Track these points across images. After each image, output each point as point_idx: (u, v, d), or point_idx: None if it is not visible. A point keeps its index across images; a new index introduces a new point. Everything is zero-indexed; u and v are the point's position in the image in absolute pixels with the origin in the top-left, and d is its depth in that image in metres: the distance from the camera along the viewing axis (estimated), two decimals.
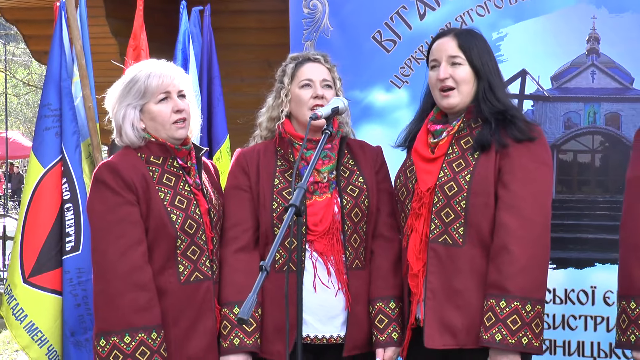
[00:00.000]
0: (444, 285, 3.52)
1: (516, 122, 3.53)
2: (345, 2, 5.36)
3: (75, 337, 4.82)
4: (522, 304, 3.39)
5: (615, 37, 5.17)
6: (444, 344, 3.50)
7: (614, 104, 5.24)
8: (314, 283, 3.63)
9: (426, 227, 3.58)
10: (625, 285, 3.48)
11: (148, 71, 3.59)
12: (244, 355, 3.61)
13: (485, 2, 5.25)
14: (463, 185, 3.52)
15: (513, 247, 3.42)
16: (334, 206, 3.66)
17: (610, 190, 5.20)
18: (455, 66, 3.59)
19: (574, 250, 5.19)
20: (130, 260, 3.45)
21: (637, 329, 3.40)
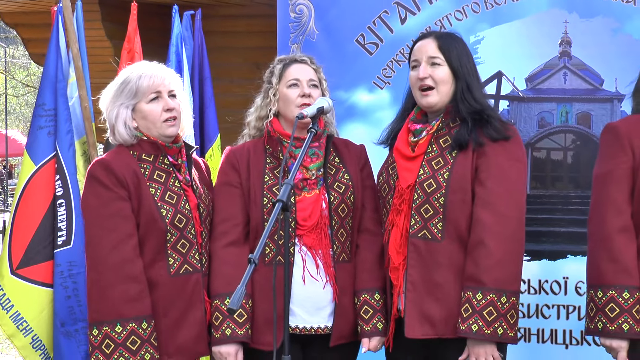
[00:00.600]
0: (424, 278, 3.52)
1: (492, 122, 3.53)
2: (330, 7, 5.35)
3: (65, 328, 4.81)
4: (497, 296, 3.41)
5: (586, 40, 5.18)
6: (423, 333, 3.50)
7: (585, 104, 5.25)
8: (303, 276, 3.61)
9: (406, 223, 3.58)
10: (593, 276, 3.50)
11: (139, 72, 3.60)
12: (236, 345, 3.59)
13: (463, 7, 5.25)
14: (442, 182, 3.52)
15: (489, 242, 3.43)
16: (322, 202, 3.66)
17: (581, 186, 5.20)
18: (434, 66, 3.60)
19: (548, 243, 5.20)
20: (122, 253, 3.45)
21: (604, 317, 3.41)
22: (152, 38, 5.68)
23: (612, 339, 3.42)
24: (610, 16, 5.10)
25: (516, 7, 5.22)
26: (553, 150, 5.31)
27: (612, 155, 3.50)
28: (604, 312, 3.41)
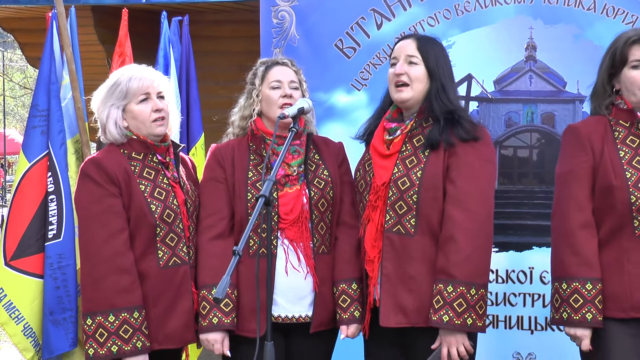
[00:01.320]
0: (398, 271, 3.52)
1: (462, 123, 3.53)
2: (310, 13, 5.33)
3: (54, 316, 4.78)
4: (467, 288, 3.41)
5: (550, 45, 5.21)
6: (397, 322, 3.50)
7: (549, 105, 5.28)
8: (285, 267, 3.60)
9: (382, 218, 3.57)
10: (558, 269, 3.49)
11: (130, 75, 3.59)
12: (222, 333, 3.58)
13: (435, 13, 5.26)
14: (415, 180, 3.51)
15: (459, 237, 3.43)
16: (302, 197, 3.65)
17: (546, 182, 5.23)
18: (411, 65, 3.60)
19: (514, 235, 5.22)
20: (113, 247, 3.44)
21: (568, 307, 3.40)
22: (142, 42, 5.65)
23: (577, 328, 3.42)
24: (572, 23, 5.13)
25: (485, 14, 5.23)
26: (519, 148, 5.33)
27: (574, 155, 3.50)
28: (568, 303, 3.40)
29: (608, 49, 3.58)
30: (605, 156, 3.44)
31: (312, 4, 5.33)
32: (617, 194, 3.40)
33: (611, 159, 3.44)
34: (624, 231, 3.43)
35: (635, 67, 3.44)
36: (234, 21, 6.50)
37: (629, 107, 3.48)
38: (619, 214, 3.42)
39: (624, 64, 3.47)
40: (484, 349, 5.11)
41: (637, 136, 3.47)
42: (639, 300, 3.40)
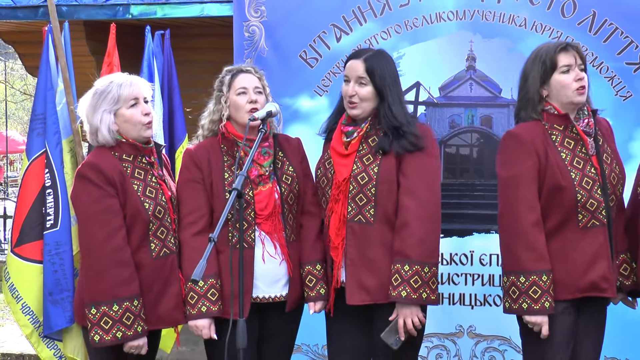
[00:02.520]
0: (360, 255, 3.54)
1: (407, 137, 3.54)
2: (278, 28, 5.34)
3: (53, 297, 4.82)
4: (421, 267, 3.43)
5: (488, 56, 5.25)
6: (361, 300, 3.53)
7: (487, 108, 5.31)
8: (263, 256, 3.61)
9: (344, 209, 3.58)
10: (513, 264, 3.46)
11: (120, 82, 3.55)
12: (209, 320, 3.58)
13: (387, 28, 5.27)
14: (372, 176, 3.53)
15: (412, 223, 3.45)
16: (274, 193, 3.65)
17: (484, 176, 5.28)
18: (361, 85, 3.60)
19: (457, 223, 5.25)
20: (114, 243, 3.41)
21: (528, 298, 3.40)
22: (128, 53, 5.63)
23: (537, 316, 3.42)
24: (506, 37, 5.17)
25: (431, 29, 5.26)
26: (461, 146, 5.37)
27: (520, 160, 3.48)
28: (527, 294, 3.39)
29: (531, 60, 3.59)
30: (550, 159, 3.45)
31: (279, 19, 5.33)
32: (565, 193, 3.43)
33: (556, 161, 3.45)
34: (569, 224, 3.46)
35: (564, 72, 3.47)
36: (210, 35, 6.49)
37: (560, 112, 3.50)
38: (566, 210, 3.45)
39: (553, 70, 3.49)
40: (431, 322, 5.15)
41: (572, 138, 3.49)
42: (584, 282, 3.45)
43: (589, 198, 3.42)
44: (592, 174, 3.45)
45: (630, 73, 5.08)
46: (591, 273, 3.44)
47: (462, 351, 5.35)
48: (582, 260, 3.44)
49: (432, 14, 5.24)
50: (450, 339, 5.34)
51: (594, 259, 3.45)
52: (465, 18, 5.21)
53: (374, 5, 5.28)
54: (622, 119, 4.79)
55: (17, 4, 6.47)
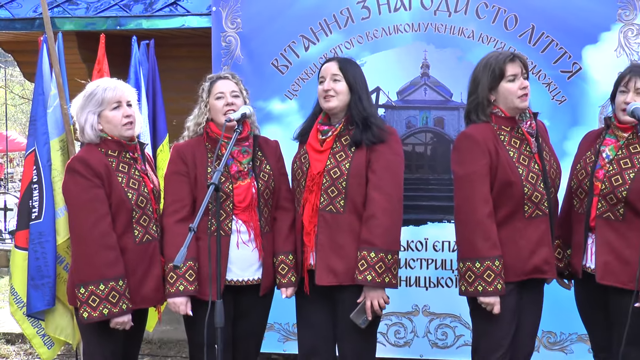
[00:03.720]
0: (330, 241, 3.54)
1: (372, 128, 3.56)
2: (252, 39, 5.32)
3: (34, 282, 4.80)
4: (385, 254, 3.45)
5: (440, 64, 5.26)
6: (329, 282, 3.54)
7: (440, 111, 5.32)
8: (237, 243, 3.60)
9: (317, 200, 3.59)
10: (470, 251, 3.45)
11: (105, 86, 3.54)
12: (186, 298, 3.57)
13: (350, 39, 5.28)
14: (344, 170, 3.53)
15: (379, 215, 3.47)
16: (252, 188, 3.64)
17: (437, 172, 5.30)
18: (335, 82, 3.61)
19: (413, 213, 5.25)
20: (100, 229, 3.40)
21: (483, 282, 3.41)
22: (116, 61, 5.59)
23: (491, 297, 3.43)
24: (456, 47, 5.19)
25: (390, 40, 5.27)
26: (417, 145, 5.38)
27: (474, 159, 3.47)
28: (482, 278, 3.40)
29: (481, 68, 3.60)
30: (500, 157, 3.46)
31: (253, 30, 5.31)
32: (514, 187, 3.44)
33: (506, 159, 3.46)
34: (516, 215, 3.48)
35: (511, 80, 3.49)
36: (191, 44, 6.45)
37: (506, 115, 3.51)
38: (514, 202, 3.46)
39: (501, 78, 3.50)
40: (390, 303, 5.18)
41: (518, 138, 3.51)
42: (529, 266, 3.48)
43: (534, 191, 3.45)
44: (535, 169, 3.48)
45: (565, 80, 5.13)
46: (535, 257, 3.47)
47: (417, 328, 5.36)
48: (528, 247, 3.47)
49: (391, 26, 5.25)
50: (407, 317, 5.36)
51: (538, 245, 3.48)
52: (420, 30, 5.22)
53: (339, 18, 5.27)
54: (558, 121, 4.83)
55: (15, 17, 6.44)
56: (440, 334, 5.35)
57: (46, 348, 5.00)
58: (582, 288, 3.67)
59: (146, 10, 6.28)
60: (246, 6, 5.31)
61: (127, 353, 3.63)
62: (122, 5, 6.36)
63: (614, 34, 5.04)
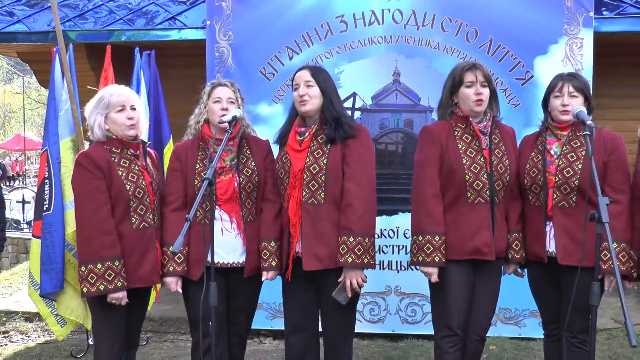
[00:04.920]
0: (313, 230, 3.53)
1: (343, 126, 3.54)
2: (242, 49, 5.33)
3: (44, 266, 4.81)
4: (362, 238, 3.44)
5: (410, 72, 5.30)
6: (315, 266, 3.51)
7: (409, 114, 5.34)
8: (222, 229, 3.59)
9: (300, 194, 3.57)
10: (415, 226, 3.55)
11: (112, 92, 3.54)
12: (176, 277, 3.60)
13: (330, 49, 5.30)
14: (322, 166, 3.52)
15: (355, 203, 3.45)
16: (234, 182, 3.63)
17: (407, 167, 5.33)
18: (309, 87, 3.59)
19: (386, 204, 5.28)
20: (100, 215, 3.40)
21: (423, 253, 3.47)
22: (121, 69, 5.58)
23: (428, 267, 3.50)
24: (424, 57, 5.23)
25: (365, 50, 5.30)
26: (389, 144, 5.41)
27: (427, 147, 3.56)
28: (423, 250, 3.47)
29: (449, 75, 3.64)
30: (449, 148, 3.52)
31: (243, 42, 5.32)
32: (457, 174, 3.49)
33: (453, 150, 3.51)
34: (460, 200, 3.52)
35: (468, 86, 3.52)
36: (188, 54, 6.44)
37: (464, 114, 3.55)
38: (457, 188, 3.50)
39: (461, 84, 3.54)
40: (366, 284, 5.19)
41: (470, 134, 3.55)
42: (470, 247, 3.50)
43: (475, 179, 3.49)
44: (480, 162, 3.52)
45: (519, 86, 5.17)
46: (476, 240, 3.51)
47: (390, 306, 5.39)
48: (469, 229, 3.51)
49: (366, 38, 5.27)
50: (380, 296, 5.38)
51: (479, 229, 3.52)
52: (392, 42, 5.25)
53: (319, 31, 5.28)
54: (513, 122, 4.78)
55: (31, 30, 6.43)
56: (410, 311, 5.38)
57: (59, 326, 5.03)
58: (538, 270, 3.70)
59: (148, 24, 6.27)
60: (237, 21, 5.32)
61: (130, 328, 3.64)
62: (126, 20, 6.33)
63: (561, 46, 5.10)
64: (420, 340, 5.40)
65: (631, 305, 6.02)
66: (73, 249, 4.77)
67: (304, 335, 3.69)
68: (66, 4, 6.80)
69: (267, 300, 5.38)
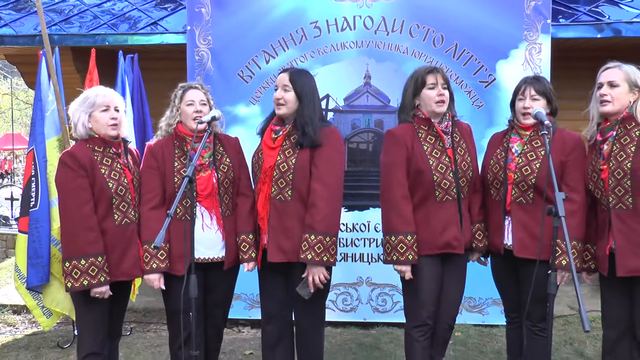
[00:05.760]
0: (280, 225, 3.51)
1: (307, 135, 3.47)
2: (221, 53, 5.29)
3: (31, 261, 4.76)
4: (324, 237, 3.41)
5: (380, 75, 5.30)
6: (279, 259, 3.50)
7: (380, 114, 5.34)
8: (202, 226, 3.56)
9: (269, 190, 3.54)
10: (388, 227, 3.51)
11: (97, 92, 3.50)
12: (159, 274, 3.53)
13: (305, 53, 5.28)
14: (291, 165, 3.49)
15: (319, 203, 3.42)
16: (212, 178, 3.59)
17: (377, 165, 5.29)
18: (286, 91, 3.56)
19: (357, 200, 5.29)
20: (83, 212, 3.34)
21: (397, 252, 3.45)
22: (105, 72, 5.52)
23: (402, 265, 3.48)
24: (393, 61, 5.24)
25: (338, 55, 5.29)
26: (360, 143, 5.40)
27: (394, 150, 3.53)
28: (396, 249, 3.45)
29: (410, 77, 3.64)
30: (415, 150, 3.50)
31: (222, 46, 5.29)
32: (425, 175, 3.48)
33: (419, 152, 3.50)
34: (429, 199, 3.51)
35: (430, 88, 3.52)
36: (169, 58, 6.38)
37: (425, 116, 3.55)
38: (426, 187, 3.49)
39: (423, 86, 3.53)
40: (339, 275, 5.21)
41: (433, 135, 3.54)
42: (440, 242, 3.50)
43: (442, 179, 3.49)
44: (446, 161, 3.52)
45: (482, 88, 5.21)
46: (445, 235, 3.51)
47: (361, 296, 5.40)
48: (439, 226, 3.51)
49: (339, 43, 5.26)
50: (352, 287, 5.39)
51: (447, 225, 3.52)
52: (363, 47, 5.25)
53: (295, 36, 5.27)
54: (477, 123, 4.88)
55: (18, 34, 6.34)
56: (381, 300, 5.40)
57: (45, 317, 4.98)
58: (498, 261, 3.73)
59: (131, 29, 6.21)
60: (216, 26, 5.29)
61: (113, 320, 3.59)
62: (110, 25, 6.27)
63: (521, 51, 5.14)
64: (390, 328, 5.43)
65: (585, 293, 6.09)
66: (59, 243, 4.71)
67: (278, 324, 3.68)
68: (52, 8, 6.73)
69: (245, 291, 5.37)
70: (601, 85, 3.35)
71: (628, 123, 3.27)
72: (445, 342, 3.75)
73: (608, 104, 3.30)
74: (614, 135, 3.30)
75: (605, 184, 3.28)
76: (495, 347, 5.08)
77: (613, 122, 3.31)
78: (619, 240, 3.24)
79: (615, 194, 3.24)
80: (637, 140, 3.22)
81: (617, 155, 3.25)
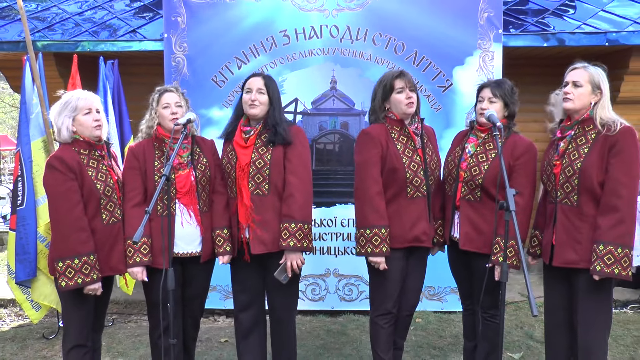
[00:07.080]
0: (260, 218, 3.49)
1: (279, 134, 3.49)
2: (196, 59, 5.26)
3: (19, 257, 4.70)
4: (302, 224, 3.42)
5: (345, 80, 5.30)
6: (261, 250, 3.49)
7: (345, 117, 5.34)
8: (182, 222, 3.52)
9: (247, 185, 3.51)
10: (363, 221, 3.49)
11: (78, 96, 3.42)
12: (142, 267, 3.48)
13: (274, 60, 5.26)
14: (266, 161, 3.48)
15: (296, 194, 3.43)
16: (191, 177, 3.56)
17: (343, 164, 5.33)
18: (260, 94, 3.54)
19: (325, 197, 5.29)
20: (74, 214, 3.27)
21: (371, 245, 3.45)
22: (87, 77, 5.43)
23: (377, 257, 3.47)
24: (357, 67, 5.24)
25: (305, 61, 5.28)
26: (327, 143, 5.39)
27: (369, 149, 3.51)
28: (371, 242, 3.45)
29: (378, 83, 3.63)
30: (389, 149, 3.49)
31: (197, 53, 5.25)
32: (398, 172, 3.47)
33: (393, 151, 3.49)
34: (401, 195, 3.50)
35: (399, 92, 3.52)
36: (148, 64, 6.29)
37: (397, 118, 3.55)
38: (399, 184, 3.49)
39: (392, 90, 3.53)
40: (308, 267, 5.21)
41: (405, 136, 3.54)
42: (410, 236, 3.51)
43: (414, 177, 3.49)
44: (417, 160, 3.53)
45: (440, 93, 5.24)
46: (415, 229, 3.52)
47: (329, 286, 5.40)
48: (410, 220, 3.52)
49: (306, 50, 5.25)
50: (321, 278, 5.39)
51: (417, 220, 3.53)
52: (329, 53, 5.24)
53: (265, 44, 5.24)
54: (435, 125, 4.88)
55: (2, 40, 6.18)
56: (347, 290, 5.41)
57: (34, 311, 4.90)
58: (452, 252, 3.75)
59: (111, 36, 6.12)
60: (191, 34, 5.24)
61: (97, 313, 3.54)
62: (92, 32, 6.17)
63: (476, 58, 5.18)
64: (356, 315, 5.44)
65: (534, 281, 6.17)
66: (45, 240, 4.64)
67: (251, 313, 3.66)
68: (36, 16, 6.59)
69: (220, 283, 5.34)
70: (566, 84, 3.33)
71: (587, 125, 3.25)
72: (406, 327, 3.78)
73: (569, 101, 3.27)
74: (571, 135, 3.29)
75: (557, 178, 3.29)
76: (453, 331, 5.12)
77: (574, 122, 3.30)
78: (560, 234, 3.26)
79: (563, 189, 3.26)
80: (591, 142, 3.21)
81: (570, 154, 3.25)
